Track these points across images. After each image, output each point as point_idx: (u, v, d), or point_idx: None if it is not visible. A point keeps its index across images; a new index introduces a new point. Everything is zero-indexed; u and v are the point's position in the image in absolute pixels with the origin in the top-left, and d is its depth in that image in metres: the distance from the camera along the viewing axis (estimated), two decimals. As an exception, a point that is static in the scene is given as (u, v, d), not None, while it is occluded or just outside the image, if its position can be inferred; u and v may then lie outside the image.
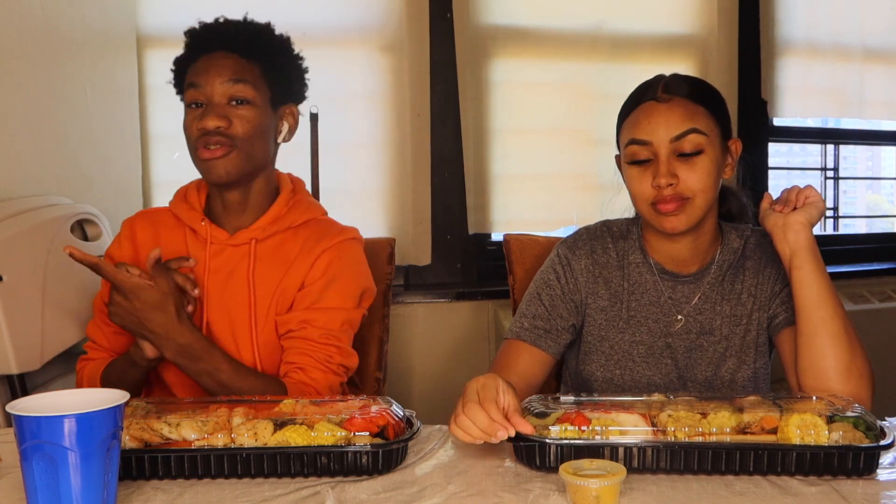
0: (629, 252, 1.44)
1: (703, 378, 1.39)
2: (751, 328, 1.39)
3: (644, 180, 1.33)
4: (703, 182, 1.31)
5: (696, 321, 1.40)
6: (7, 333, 1.65)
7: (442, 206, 2.58)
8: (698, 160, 1.31)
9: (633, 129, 1.34)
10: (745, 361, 1.39)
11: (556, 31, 2.64)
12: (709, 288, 1.41)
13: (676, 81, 1.35)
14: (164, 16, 2.41)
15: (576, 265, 1.44)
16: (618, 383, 1.41)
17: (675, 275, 1.42)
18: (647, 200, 1.33)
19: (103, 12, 2.26)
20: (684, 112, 1.31)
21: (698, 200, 1.32)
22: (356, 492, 1.03)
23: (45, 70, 2.03)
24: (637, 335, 1.41)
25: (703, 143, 1.31)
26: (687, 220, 1.32)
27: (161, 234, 1.50)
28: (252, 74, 1.41)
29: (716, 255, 1.42)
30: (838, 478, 1.04)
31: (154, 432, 1.08)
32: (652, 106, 1.33)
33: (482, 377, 1.12)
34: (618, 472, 0.96)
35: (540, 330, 1.42)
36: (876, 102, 3.00)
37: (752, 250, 1.42)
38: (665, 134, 1.31)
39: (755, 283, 1.40)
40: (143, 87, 2.40)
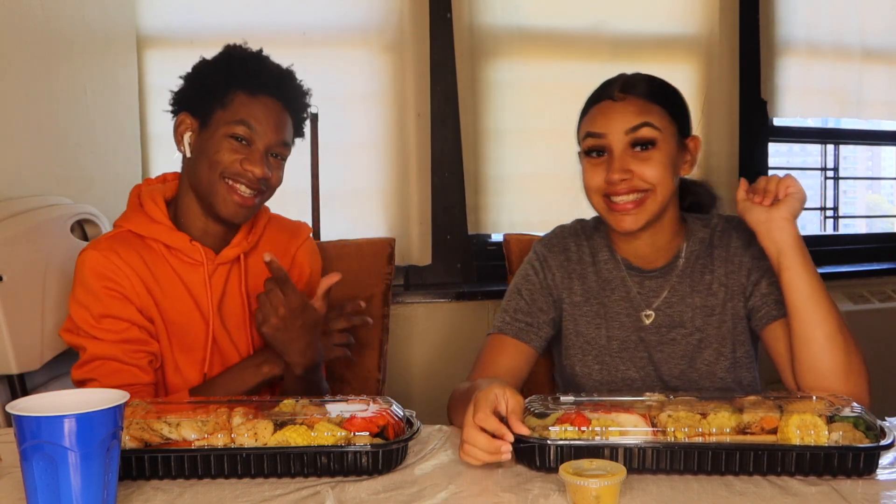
0: (599, 249, 1.47)
1: (678, 371, 1.40)
2: (725, 318, 1.39)
3: (597, 173, 1.36)
4: (657, 174, 1.33)
5: (667, 315, 1.41)
6: (7, 333, 1.65)
7: (442, 206, 2.58)
8: (652, 154, 1.33)
9: (590, 124, 1.38)
10: (723, 353, 1.39)
11: (557, 32, 2.63)
12: (677, 281, 1.41)
13: (633, 81, 1.39)
14: (164, 16, 2.41)
15: (552, 261, 1.47)
16: (597, 378, 1.43)
17: (641, 270, 1.43)
18: (600, 191, 1.36)
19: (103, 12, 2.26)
20: (638, 109, 1.35)
21: (654, 194, 1.34)
22: (356, 492, 1.03)
23: (45, 70, 2.03)
24: (611, 330, 1.43)
25: (656, 136, 1.34)
26: (642, 218, 1.34)
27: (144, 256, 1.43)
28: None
29: (681, 247, 1.42)
30: (838, 478, 1.04)
31: (154, 432, 1.08)
32: (608, 104, 1.37)
33: (478, 394, 1.11)
34: (618, 472, 0.96)
35: (522, 323, 1.44)
36: (876, 102, 3.00)
37: (720, 239, 1.42)
38: (620, 127, 1.34)
39: (725, 273, 1.40)
40: (143, 87, 2.40)
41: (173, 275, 1.44)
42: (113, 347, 1.37)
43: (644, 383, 1.40)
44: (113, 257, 1.39)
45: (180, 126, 1.43)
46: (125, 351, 1.37)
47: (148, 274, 1.42)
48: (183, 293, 1.44)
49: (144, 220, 1.44)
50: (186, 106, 1.43)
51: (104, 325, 1.38)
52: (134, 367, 1.37)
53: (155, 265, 1.43)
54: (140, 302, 1.41)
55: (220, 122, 1.38)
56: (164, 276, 1.44)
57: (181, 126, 1.43)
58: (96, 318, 1.38)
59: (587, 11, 2.65)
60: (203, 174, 1.39)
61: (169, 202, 1.48)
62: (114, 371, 1.36)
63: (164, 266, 1.44)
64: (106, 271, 1.39)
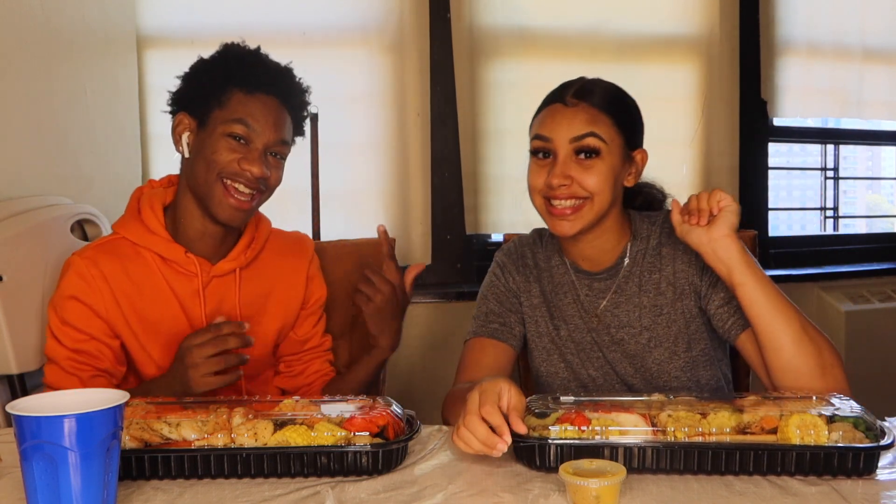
0: (552, 254, 1.49)
1: (632, 371, 1.41)
2: (675, 317, 1.39)
3: (540, 175, 1.37)
4: (596, 184, 1.34)
5: (614, 315, 1.42)
6: (7, 333, 1.65)
7: (442, 206, 2.59)
8: (594, 163, 1.34)
9: (539, 126, 1.39)
10: (676, 352, 1.39)
11: (557, 32, 2.64)
12: (623, 281, 1.42)
13: (589, 87, 1.39)
14: (164, 16, 2.41)
15: (510, 267, 1.51)
16: (563, 377, 1.45)
17: (589, 273, 1.44)
18: (541, 193, 1.37)
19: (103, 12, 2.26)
20: (586, 117, 1.35)
21: (592, 202, 1.35)
22: (356, 492, 1.03)
23: (45, 70, 2.03)
24: (566, 332, 1.45)
25: (600, 146, 1.34)
26: (578, 224, 1.35)
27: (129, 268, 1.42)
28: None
29: (626, 248, 1.42)
30: (838, 478, 1.04)
31: (154, 432, 1.08)
32: (559, 108, 1.38)
33: (485, 383, 1.11)
34: (618, 472, 0.96)
35: (495, 324, 1.46)
36: (876, 102, 3.00)
37: (667, 236, 1.42)
38: (566, 133, 1.35)
39: (673, 272, 1.40)
40: (143, 87, 2.40)
41: (165, 286, 1.43)
42: (63, 353, 1.38)
43: (606, 381, 1.43)
44: (93, 270, 1.39)
45: (178, 126, 1.42)
46: (73, 360, 1.38)
47: (131, 288, 1.41)
48: (173, 304, 1.43)
49: (140, 228, 1.43)
50: (184, 106, 1.42)
51: (64, 331, 1.39)
52: (74, 377, 1.37)
53: (143, 277, 1.42)
54: (109, 317, 1.40)
55: (218, 122, 1.37)
56: (153, 287, 1.42)
57: (179, 126, 1.42)
58: (60, 321, 1.39)
59: (587, 12, 2.65)
60: (200, 175, 1.38)
61: (167, 207, 1.47)
62: (58, 377, 1.38)
63: (154, 277, 1.43)
64: (81, 282, 1.39)
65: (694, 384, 1.39)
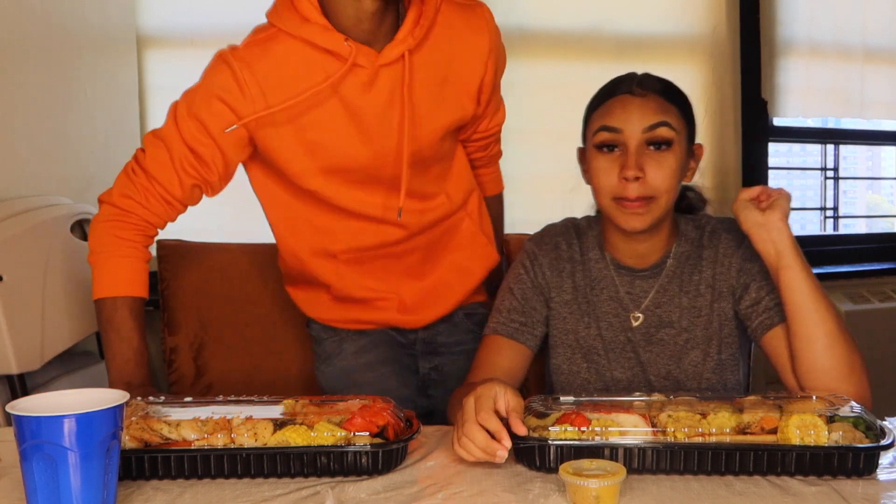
0: (589, 248, 1.46)
1: (665, 371, 1.39)
2: (712, 319, 1.39)
3: (611, 172, 1.32)
4: (667, 181, 1.31)
5: (655, 315, 1.40)
6: (7, 333, 1.65)
7: (442, 206, 2.58)
8: (667, 155, 1.32)
9: (605, 117, 1.34)
10: (709, 353, 1.38)
11: (558, 32, 2.63)
12: (666, 281, 1.41)
13: (650, 79, 1.37)
14: (164, 16, 2.41)
15: (542, 259, 1.46)
16: (584, 377, 1.42)
17: (631, 270, 1.42)
18: (611, 194, 1.33)
19: (103, 12, 2.26)
20: (657, 107, 1.33)
21: (661, 201, 1.32)
22: (356, 492, 1.03)
23: (45, 70, 2.03)
24: (599, 329, 1.42)
25: (672, 137, 1.32)
26: (649, 219, 1.33)
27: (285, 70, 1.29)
28: None
29: (672, 247, 1.42)
30: (838, 478, 1.04)
31: (154, 432, 1.08)
32: (626, 98, 1.34)
33: (479, 388, 1.11)
34: (618, 473, 0.95)
35: (516, 323, 1.43)
36: (878, 102, 3.00)
37: (709, 239, 1.42)
38: (638, 124, 1.31)
39: (713, 274, 1.39)
40: (143, 87, 2.40)
41: (327, 88, 1.29)
42: (179, 144, 1.32)
43: (630, 384, 1.40)
44: (247, 75, 1.29)
45: None
46: (184, 158, 1.32)
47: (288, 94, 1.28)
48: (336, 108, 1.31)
49: (295, 17, 1.29)
50: None
51: (189, 124, 1.32)
52: (177, 174, 1.33)
53: (302, 78, 1.29)
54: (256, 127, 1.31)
55: None
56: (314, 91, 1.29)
57: None
58: (190, 113, 1.32)
59: (587, 12, 2.65)
60: None
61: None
62: (160, 162, 1.33)
63: (314, 77, 1.29)
64: (233, 85, 1.29)
65: (722, 387, 1.38)
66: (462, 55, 1.39)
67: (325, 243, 1.48)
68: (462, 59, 1.40)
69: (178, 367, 1.77)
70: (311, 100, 1.30)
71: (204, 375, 1.78)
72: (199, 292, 1.78)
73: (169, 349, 1.77)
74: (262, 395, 1.22)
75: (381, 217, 1.44)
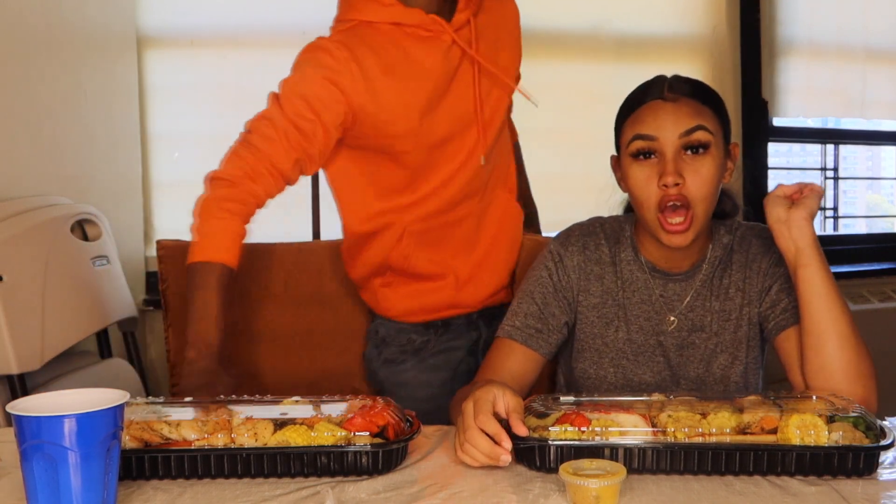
0: (621, 249, 1.43)
1: (695, 375, 1.39)
2: (741, 324, 1.38)
3: (650, 182, 1.30)
4: (706, 187, 1.29)
5: (688, 319, 1.39)
6: (7, 333, 1.65)
7: (442, 206, 2.58)
8: (705, 160, 1.29)
9: (639, 125, 1.31)
10: (738, 357, 1.38)
11: (558, 31, 2.64)
12: (700, 285, 1.40)
13: (680, 82, 1.34)
14: (164, 16, 2.41)
15: (568, 262, 1.43)
16: (611, 381, 1.40)
17: (666, 273, 1.41)
18: (655, 206, 1.30)
19: (103, 12, 2.26)
20: (691, 110, 1.30)
21: (699, 210, 1.30)
22: (356, 492, 1.03)
23: (46, 70, 2.03)
24: (629, 333, 1.40)
25: (710, 140, 1.30)
26: (691, 235, 1.31)
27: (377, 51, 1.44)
28: None
29: (707, 252, 1.41)
30: (838, 478, 1.04)
31: (154, 432, 1.08)
32: (658, 104, 1.31)
33: (477, 392, 1.10)
34: (618, 472, 0.95)
35: (532, 329, 1.40)
36: (880, 102, 3.01)
37: (739, 244, 1.41)
38: (673, 129, 1.28)
39: (743, 278, 1.39)
40: (143, 87, 2.40)
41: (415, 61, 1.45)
42: (283, 121, 1.41)
43: (658, 387, 1.38)
44: (344, 52, 1.42)
45: None
46: (289, 132, 1.41)
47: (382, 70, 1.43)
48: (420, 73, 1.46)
49: (372, 4, 1.46)
50: None
51: (294, 102, 1.41)
52: (280, 147, 1.41)
53: (391, 57, 1.44)
54: (357, 101, 1.43)
55: None
56: (405, 65, 1.45)
57: None
58: (294, 92, 1.42)
59: (587, 12, 2.65)
60: None
61: None
62: (266, 137, 1.41)
63: (402, 53, 1.45)
64: (333, 63, 1.42)
65: (745, 389, 1.38)
66: (505, 19, 1.59)
67: (398, 213, 1.57)
68: (506, 21, 1.60)
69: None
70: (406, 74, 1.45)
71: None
72: (200, 292, 1.78)
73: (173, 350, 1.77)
74: (262, 395, 1.23)
75: (465, 161, 1.55)
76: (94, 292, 1.96)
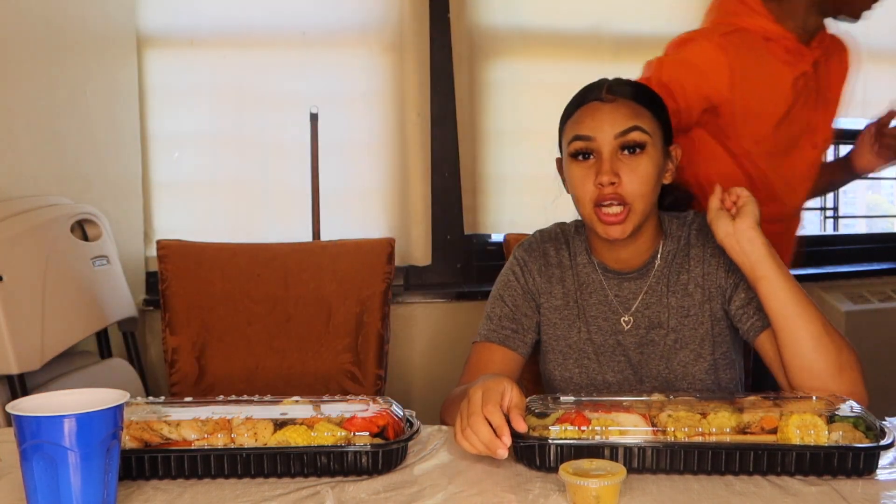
0: (577, 253, 1.46)
1: (656, 373, 1.39)
2: (702, 320, 1.38)
3: (587, 180, 1.33)
4: (643, 186, 1.31)
5: (645, 316, 1.40)
6: (7, 333, 1.65)
7: (442, 206, 2.58)
8: (641, 160, 1.31)
9: (577, 126, 1.35)
10: (702, 354, 1.38)
11: (557, 32, 2.63)
12: (654, 281, 1.40)
13: (619, 84, 1.37)
14: (164, 16, 2.41)
15: (531, 265, 1.46)
16: (577, 382, 1.42)
17: (619, 273, 1.42)
18: (591, 202, 1.33)
19: (103, 12, 2.26)
20: (628, 111, 1.33)
21: (637, 206, 1.32)
22: (356, 492, 1.03)
23: (45, 70, 2.03)
24: (589, 334, 1.42)
25: (646, 140, 1.32)
26: (629, 227, 1.32)
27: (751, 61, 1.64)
28: None
29: (658, 248, 1.41)
30: (838, 478, 1.04)
31: (154, 432, 1.08)
32: (596, 105, 1.34)
33: (488, 381, 1.11)
34: (618, 472, 0.96)
35: (507, 330, 1.43)
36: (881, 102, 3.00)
37: (696, 237, 1.41)
38: (609, 130, 1.31)
39: (702, 274, 1.39)
40: (143, 87, 2.40)
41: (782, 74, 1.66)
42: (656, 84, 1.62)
43: (621, 387, 1.40)
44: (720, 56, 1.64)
45: None
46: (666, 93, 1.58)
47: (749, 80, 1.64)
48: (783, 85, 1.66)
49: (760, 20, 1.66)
50: None
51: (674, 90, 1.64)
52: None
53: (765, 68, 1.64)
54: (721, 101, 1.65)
55: None
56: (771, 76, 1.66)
57: None
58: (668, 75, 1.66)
59: (587, 11, 2.65)
60: None
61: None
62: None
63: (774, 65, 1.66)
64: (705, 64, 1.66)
65: (716, 386, 1.38)
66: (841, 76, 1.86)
67: None
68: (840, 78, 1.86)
69: (181, 368, 1.77)
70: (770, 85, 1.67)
71: (206, 375, 1.78)
72: (200, 292, 1.79)
73: (171, 349, 1.78)
74: (262, 395, 1.23)
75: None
76: (94, 292, 1.96)
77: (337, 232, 2.25)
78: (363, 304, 1.78)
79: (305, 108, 2.31)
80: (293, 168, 2.41)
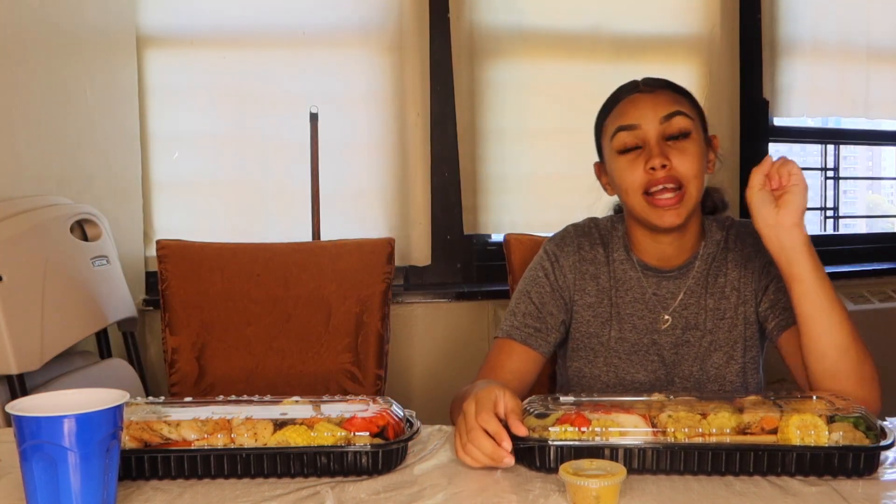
0: (614, 249, 1.44)
1: (689, 374, 1.38)
2: (737, 322, 1.38)
3: (636, 167, 1.31)
4: (693, 167, 1.30)
5: (682, 317, 1.39)
6: (7, 333, 1.65)
7: (441, 206, 2.59)
8: (687, 144, 1.31)
9: (620, 118, 1.34)
10: (734, 356, 1.38)
11: (557, 32, 2.64)
12: (693, 283, 1.40)
13: (653, 78, 1.38)
14: (164, 16, 2.41)
15: (563, 261, 1.44)
16: (605, 380, 1.41)
17: (658, 271, 1.41)
18: (641, 189, 1.31)
19: (103, 12, 2.26)
20: (669, 98, 1.33)
21: (691, 188, 1.31)
22: (356, 492, 1.03)
23: (46, 70, 2.03)
24: (623, 332, 1.40)
25: (690, 126, 1.32)
26: (684, 212, 1.31)
27: None
28: None
29: (699, 249, 1.41)
30: (838, 478, 1.04)
31: (154, 432, 1.08)
32: (636, 97, 1.35)
33: (479, 392, 1.10)
34: (618, 473, 0.95)
35: (531, 328, 1.41)
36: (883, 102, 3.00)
37: (734, 242, 1.41)
38: (653, 115, 1.31)
39: (738, 277, 1.39)
40: (143, 87, 2.40)
41: None
42: None
43: (653, 386, 1.39)
44: None
45: None
46: None
47: None
48: None
49: None
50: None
51: None
52: None
53: None
54: None
55: None
56: None
57: None
58: None
59: (587, 11, 2.65)
60: None
61: None
62: None
63: None
64: None
65: (744, 389, 1.38)
66: None
67: None
68: None
69: (181, 368, 1.77)
70: None
71: (206, 375, 1.78)
72: (200, 292, 1.79)
73: (170, 349, 1.78)
74: (262, 395, 1.23)
75: None
76: (94, 292, 1.96)
77: (337, 232, 2.25)
78: (363, 304, 1.78)
79: (305, 108, 2.31)
80: (293, 168, 2.41)
